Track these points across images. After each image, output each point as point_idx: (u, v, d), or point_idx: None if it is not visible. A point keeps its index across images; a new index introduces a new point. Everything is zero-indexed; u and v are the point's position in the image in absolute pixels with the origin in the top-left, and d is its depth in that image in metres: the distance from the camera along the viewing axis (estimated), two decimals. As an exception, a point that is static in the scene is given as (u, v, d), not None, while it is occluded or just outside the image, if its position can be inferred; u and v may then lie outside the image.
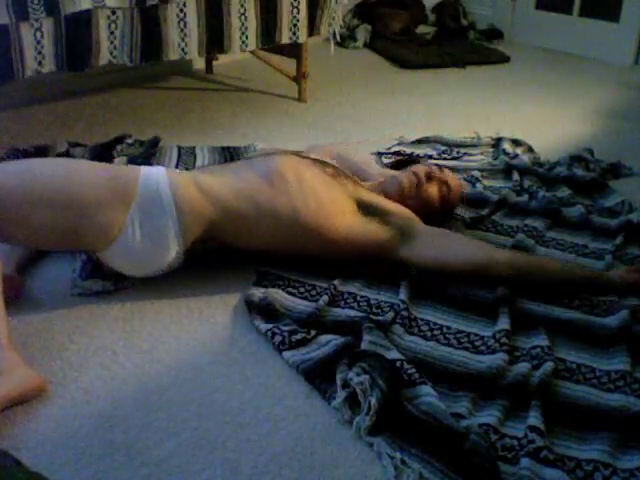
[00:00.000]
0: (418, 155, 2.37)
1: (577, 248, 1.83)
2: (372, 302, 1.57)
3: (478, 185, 2.16)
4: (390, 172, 1.98)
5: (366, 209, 1.69)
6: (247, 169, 1.68)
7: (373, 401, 1.22)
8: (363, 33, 3.95)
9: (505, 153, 2.40)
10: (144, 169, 1.59)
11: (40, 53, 2.09)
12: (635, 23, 3.59)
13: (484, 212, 2.00)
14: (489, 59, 3.70)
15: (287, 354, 1.39)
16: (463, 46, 3.90)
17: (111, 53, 2.26)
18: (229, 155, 2.35)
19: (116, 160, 2.20)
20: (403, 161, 2.18)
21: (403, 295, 1.56)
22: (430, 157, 2.37)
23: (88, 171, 1.53)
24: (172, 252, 1.56)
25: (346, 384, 1.28)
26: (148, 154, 2.29)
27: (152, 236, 1.52)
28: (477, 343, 1.45)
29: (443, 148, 2.44)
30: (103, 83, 3.01)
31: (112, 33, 2.23)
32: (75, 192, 1.46)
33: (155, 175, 1.57)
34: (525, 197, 2.08)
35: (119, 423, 1.24)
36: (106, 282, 1.60)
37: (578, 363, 1.40)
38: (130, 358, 1.40)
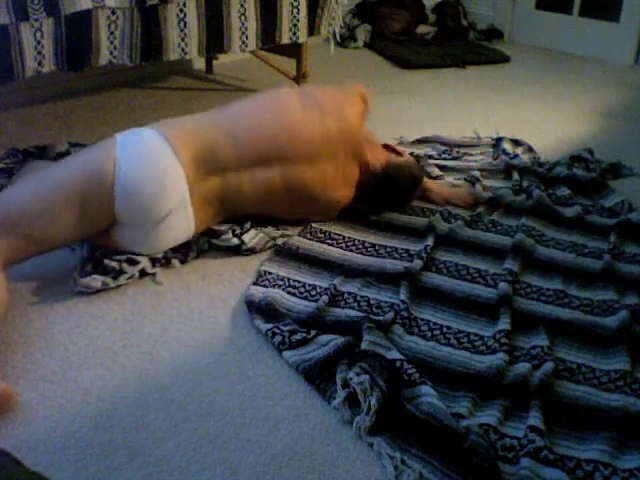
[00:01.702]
0: (418, 155, 2.36)
1: (576, 247, 1.83)
2: (372, 302, 1.57)
3: (478, 185, 2.16)
4: None
5: None
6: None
7: (373, 401, 1.22)
8: (363, 33, 3.95)
9: (505, 153, 2.40)
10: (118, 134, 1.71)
11: (40, 53, 2.09)
12: (635, 23, 3.58)
13: (481, 209, 2.01)
14: (489, 59, 3.70)
15: (287, 354, 1.39)
16: (463, 46, 3.90)
17: (111, 53, 2.26)
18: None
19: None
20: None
21: (403, 295, 1.56)
22: (430, 157, 2.37)
23: (73, 156, 1.70)
24: (172, 175, 1.60)
25: (346, 384, 1.28)
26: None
27: (145, 154, 1.60)
28: (477, 343, 1.45)
29: (443, 148, 2.44)
30: (103, 83, 3.01)
31: (112, 33, 2.23)
32: (73, 167, 1.60)
33: (128, 130, 1.70)
34: (522, 197, 2.07)
35: (119, 423, 1.24)
36: (106, 278, 1.60)
37: (578, 363, 1.40)
38: (130, 358, 1.40)
